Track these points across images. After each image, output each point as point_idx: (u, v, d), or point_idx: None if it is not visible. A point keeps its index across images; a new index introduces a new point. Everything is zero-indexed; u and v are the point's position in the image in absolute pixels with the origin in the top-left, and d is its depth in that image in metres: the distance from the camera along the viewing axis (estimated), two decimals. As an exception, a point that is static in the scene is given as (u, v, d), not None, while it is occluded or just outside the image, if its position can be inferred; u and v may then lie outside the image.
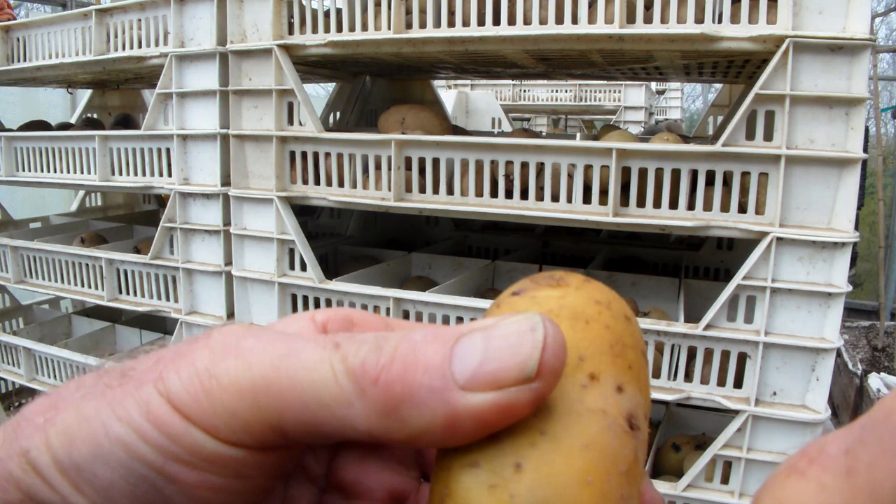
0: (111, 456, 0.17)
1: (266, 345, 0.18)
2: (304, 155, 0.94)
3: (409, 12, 0.84)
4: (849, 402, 2.38)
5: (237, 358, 0.17)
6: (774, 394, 0.74)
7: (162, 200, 1.69)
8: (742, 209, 0.73)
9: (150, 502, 0.17)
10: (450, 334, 0.17)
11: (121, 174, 1.13)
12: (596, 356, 0.18)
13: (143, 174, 1.10)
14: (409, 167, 0.87)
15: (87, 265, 1.19)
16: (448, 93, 2.55)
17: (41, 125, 1.40)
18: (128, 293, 1.16)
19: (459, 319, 0.86)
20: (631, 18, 0.74)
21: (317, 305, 0.96)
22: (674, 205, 0.75)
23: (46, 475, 0.17)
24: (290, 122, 0.94)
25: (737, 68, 0.97)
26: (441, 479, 0.17)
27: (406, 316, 0.90)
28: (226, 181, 1.01)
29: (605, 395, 0.17)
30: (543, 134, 1.27)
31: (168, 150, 1.06)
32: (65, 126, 1.44)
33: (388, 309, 0.89)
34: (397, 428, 0.16)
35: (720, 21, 0.71)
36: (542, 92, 3.23)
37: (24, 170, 1.25)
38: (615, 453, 0.17)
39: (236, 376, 0.17)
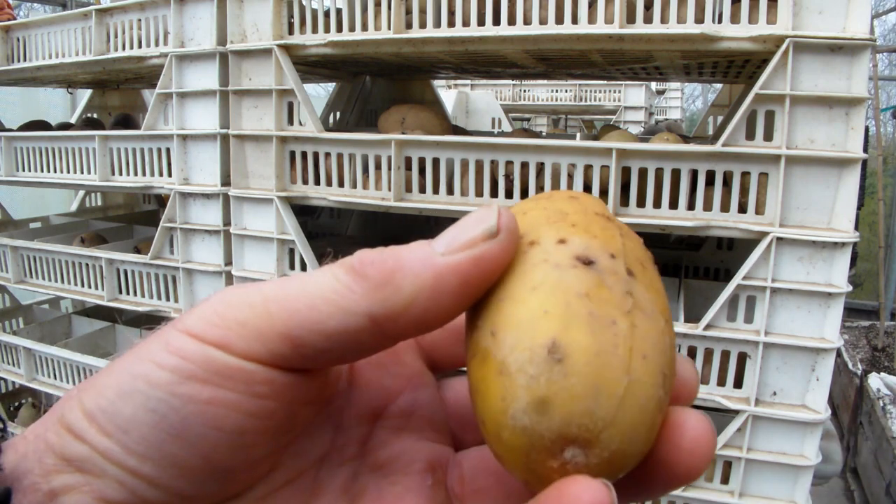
0: (134, 391, 0.18)
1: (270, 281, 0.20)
2: (304, 155, 0.94)
3: (409, 12, 0.84)
4: (849, 402, 2.38)
5: (248, 287, 0.20)
6: (774, 394, 0.74)
7: (162, 200, 1.69)
8: (742, 209, 0.73)
9: (169, 427, 0.18)
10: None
11: (121, 174, 1.13)
12: (533, 230, 0.20)
13: (143, 174, 1.10)
14: (409, 167, 0.87)
15: (87, 265, 1.19)
16: (448, 93, 2.55)
17: (41, 125, 1.40)
18: (128, 293, 1.16)
19: (459, 319, 0.86)
20: (631, 18, 0.74)
21: (317, 305, 0.96)
22: (674, 205, 0.75)
23: (76, 429, 0.18)
24: (290, 122, 0.94)
25: (737, 68, 0.97)
26: (468, 382, 0.20)
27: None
28: (226, 181, 1.01)
29: (545, 250, 0.19)
30: (543, 134, 1.27)
31: (168, 150, 1.06)
32: (65, 126, 1.44)
33: (388, 309, 0.89)
34: (393, 298, 0.19)
35: (720, 21, 0.71)
36: (542, 92, 3.23)
37: (24, 170, 1.25)
38: (566, 284, 0.18)
39: (248, 296, 0.19)
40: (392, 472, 0.22)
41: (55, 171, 1.20)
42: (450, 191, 0.85)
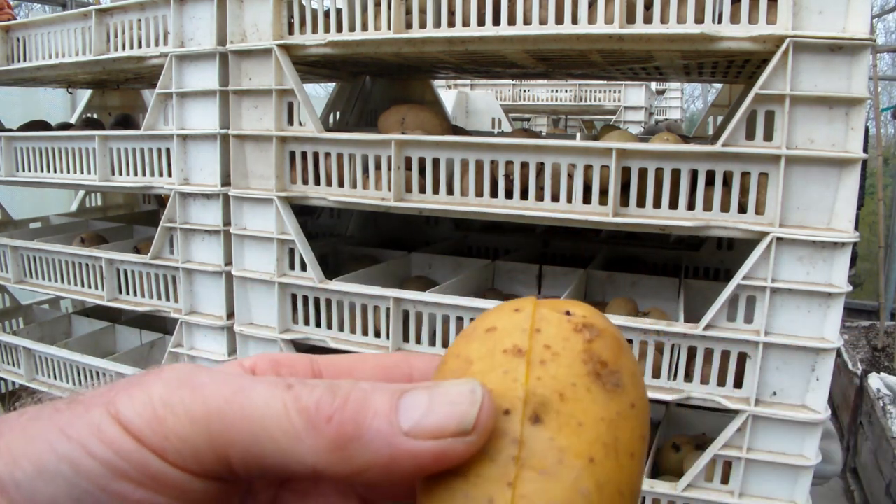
0: (56, 473, 0.17)
1: (219, 381, 0.18)
2: (304, 155, 0.94)
3: (409, 12, 0.84)
4: (849, 402, 2.38)
5: (192, 391, 0.18)
6: (774, 394, 0.74)
7: (162, 200, 1.69)
8: (742, 209, 0.73)
9: None
10: (396, 388, 0.18)
11: (121, 174, 1.13)
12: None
13: (143, 174, 1.10)
14: (409, 167, 0.87)
15: (87, 265, 1.19)
16: (448, 93, 2.55)
17: (41, 125, 1.40)
18: (128, 293, 1.16)
19: (459, 319, 0.86)
20: (631, 18, 0.74)
21: (317, 305, 0.96)
22: (674, 205, 0.75)
23: None
24: (290, 122, 0.94)
25: (737, 68, 0.97)
26: None
27: (406, 316, 0.90)
28: (226, 181, 1.01)
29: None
30: (543, 134, 1.27)
31: (168, 150, 1.06)
32: (65, 126, 1.44)
33: (387, 309, 0.89)
34: (343, 464, 0.18)
35: (720, 21, 0.71)
36: (542, 92, 3.23)
37: (24, 170, 1.25)
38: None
39: (191, 406, 0.18)
40: None
41: (55, 171, 1.20)
42: (450, 191, 0.85)
